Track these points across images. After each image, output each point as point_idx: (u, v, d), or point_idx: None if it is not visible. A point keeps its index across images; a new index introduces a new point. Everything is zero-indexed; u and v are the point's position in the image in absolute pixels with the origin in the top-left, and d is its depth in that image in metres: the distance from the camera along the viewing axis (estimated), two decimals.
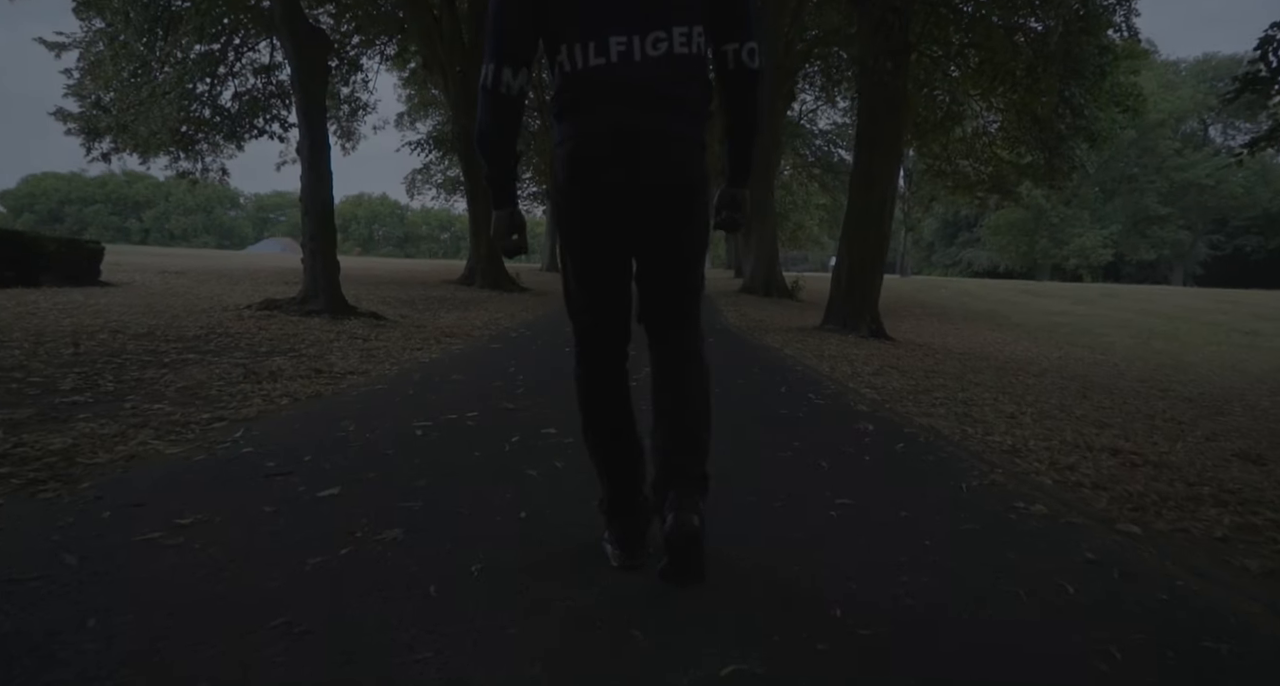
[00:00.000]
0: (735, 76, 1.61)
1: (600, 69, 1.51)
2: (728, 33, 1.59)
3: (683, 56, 1.53)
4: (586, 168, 1.55)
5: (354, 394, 4.00)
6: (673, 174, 1.56)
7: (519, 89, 1.55)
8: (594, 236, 1.61)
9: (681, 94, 1.55)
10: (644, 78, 1.52)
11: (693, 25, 1.53)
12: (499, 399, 3.77)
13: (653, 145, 1.53)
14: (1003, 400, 4.29)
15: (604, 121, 1.52)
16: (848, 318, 8.48)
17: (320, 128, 8.02)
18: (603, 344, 1.72)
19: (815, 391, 4.18)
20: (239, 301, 8.93)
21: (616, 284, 1.65)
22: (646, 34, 1.51)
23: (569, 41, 1.52)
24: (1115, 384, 6.15)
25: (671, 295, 1.68)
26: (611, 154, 1.52)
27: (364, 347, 6.09)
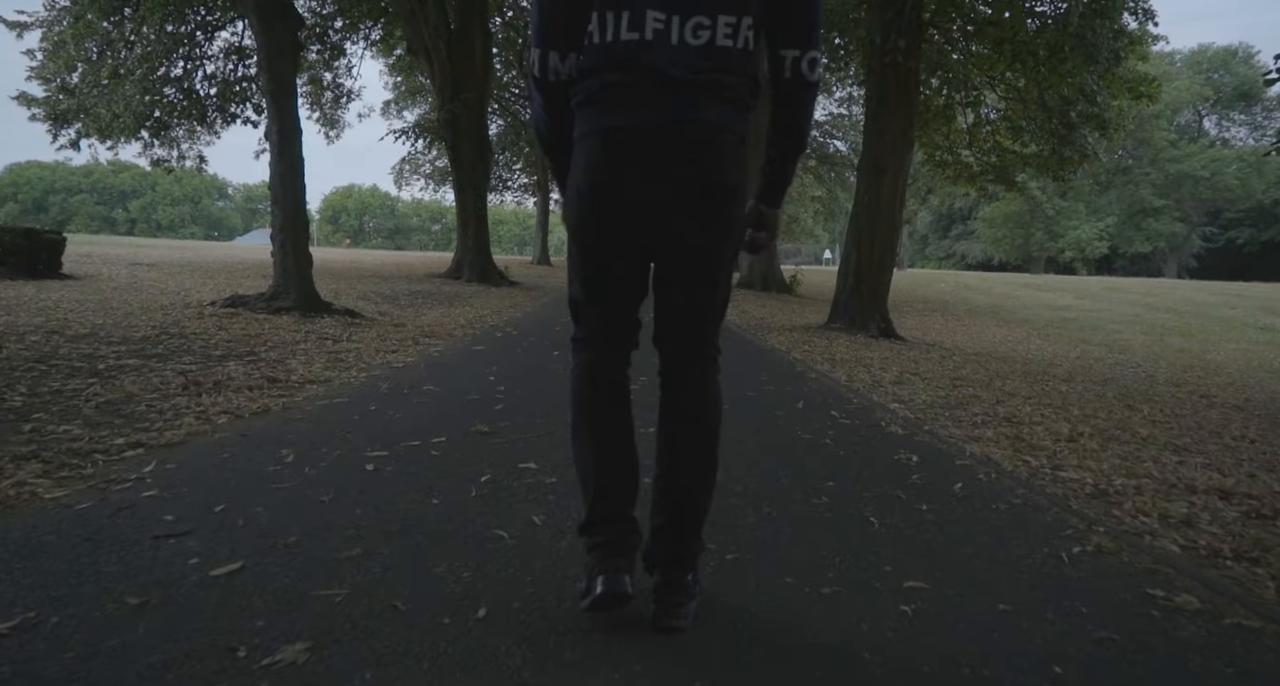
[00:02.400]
0: (791, 87, 1.42)
1: (633, 46, 1.33)
2: (791, 37, 1.39)
3: (725, 49, 1.34)
4: (615, 168, 1.37)
5: (308, 409, 3.47)
6: (711, 171, 1.36)
7: (570, 73, 1.40)
8: (613, 243, 1.44)
9: (721, 81, 1.36)
10: (681, 64, 1.33)
11: (742, 16, 1.34)
12: (473, 417, 3.24)
13: (690, 139, 1.35)
14: (1048, 414, 3.79)
15: (638, 115, 1.34)
16: (855, 315, 7.97)
17: (290, 112, 7.44)
18: (605, 350, 1.55)
19: (837, 406, 3.67)
20: (206, 297, 8.36)
21: (630, 293, 1.50)
22: (688, 18, 1.32)
23: (600, 7, 1.35)
24: (1152, 390, 5.67)
25: (692, 316, 1.49)
26: (645, 152, 1.35)
27: (331, 350, 5.55)
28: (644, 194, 1.37)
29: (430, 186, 29.59)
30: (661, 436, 1.51)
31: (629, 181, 1.37)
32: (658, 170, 1.35)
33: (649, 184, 1.36)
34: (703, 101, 1.34)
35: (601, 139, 1.38)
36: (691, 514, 1.47)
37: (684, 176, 1.36)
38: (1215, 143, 56.14)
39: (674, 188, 1.36)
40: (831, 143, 29.21)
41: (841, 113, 27.20)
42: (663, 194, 1.37)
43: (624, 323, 1.54)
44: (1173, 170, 49.43)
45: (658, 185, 1.36)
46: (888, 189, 7.85)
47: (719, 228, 1.41)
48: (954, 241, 64.39)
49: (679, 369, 1.51)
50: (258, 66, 8.75)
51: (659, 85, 1.33)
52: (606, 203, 1.40)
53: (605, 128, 1.37)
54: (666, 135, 1.34)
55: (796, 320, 9.81)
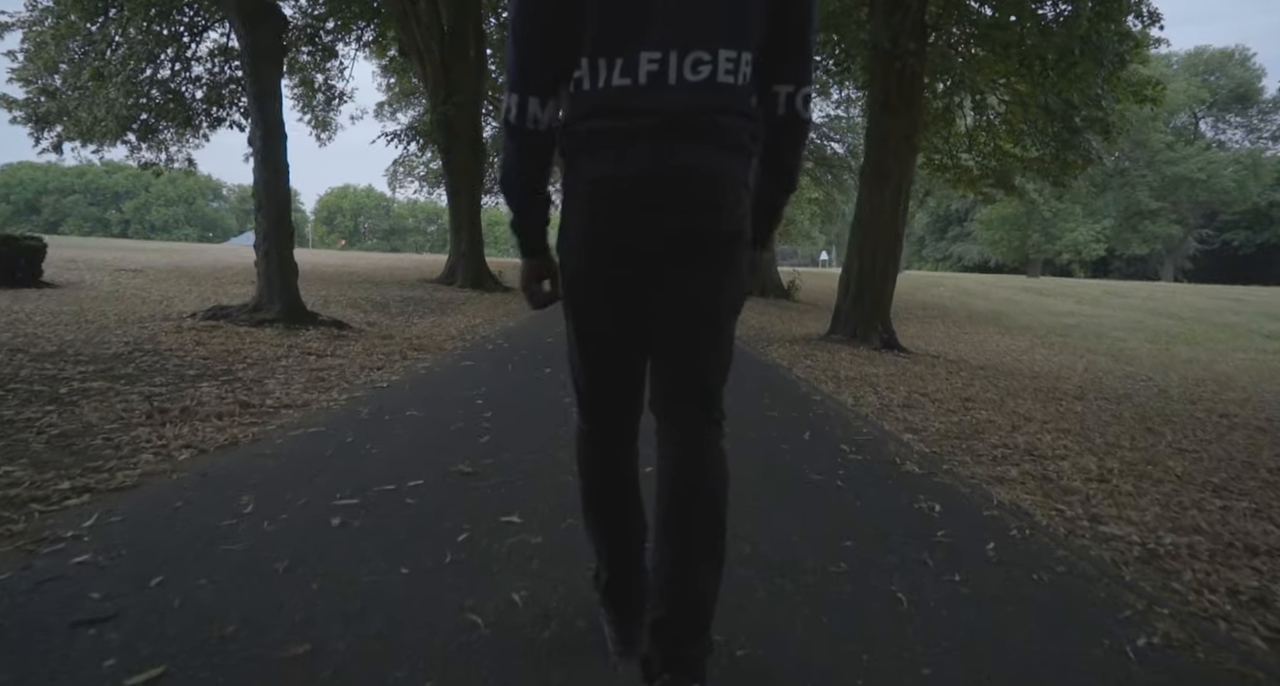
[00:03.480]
0: (784, 125, 1.33)
1: (625, 92, 1.23)
2: (785, 71, 1.31)
3: (727, 87, 1.24)
4: (609, 224, 1.27)
5: (279, 441, 3.23)
6: (713, 221, 1.26)
7: (549, 122, 1.29)
8: (611, 301, 1.33)
9: (726, 125, 1.25)
10: (679, 106, 1.22)
11: (743, 51, 1.24)
12: (456, 454, 3.00)
13: (691, 187, 1.24)
14: (1070, 444, 3.56)
15: (631, 164, 1.23)
16: (857, 327, 7.75)
17: (274, 116, 7.19)
18: (610, 415, 1.46)
19: (846, 438, 3.43)
20: (188, 307, 8.11)
21: (631, 352, 1.39)
22: (687, 53, 1.22)
23: (590, 53, 1.24)
24: (1168, 408, 5.45)
25: (694, 378, 1.35)
26: (640, 204, 1.24)
27: (314, 367, 5.31)
28: (637, 244, 1.27)
29: (424, 189, 29.27)
30: (660, 515, 1.32)
31: (622, 231, 1.26)
32: (652, 220, 1.25)
33: (643, 234, 1.26)
34: (700, 147, 1.24)
35: (592, 187, 1.27)
36: (698, 605, 1.27)
37: (680, 227, 1.25)
38: (1211, 145, 56.15)
39: (670, 239, 1.26)
40: (829, 145, 28.99)
41: (839, 114, 26.98)
42: (658, 246, 1.26)
43: (627, 387, 1.43)
44: (1169, 172, 49.38)
45: (652, 236, 1.26)
46: (890, 196, 7.62)
47: (720, 281, 1.30)
48: (950, 243, 64.31)
49: (680, 437, 1.35)
50: (241, 68, 8.48)
51: (652, 129, 1.22)
52: (599, 254, 1.29)
53: (595, 176, 1.26)
54: (661, 182, 1.23)
55: (796, 329, 9.58)
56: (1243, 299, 20.07)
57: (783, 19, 1.27)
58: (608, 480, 1.48)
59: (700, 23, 1.22)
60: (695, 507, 1.30)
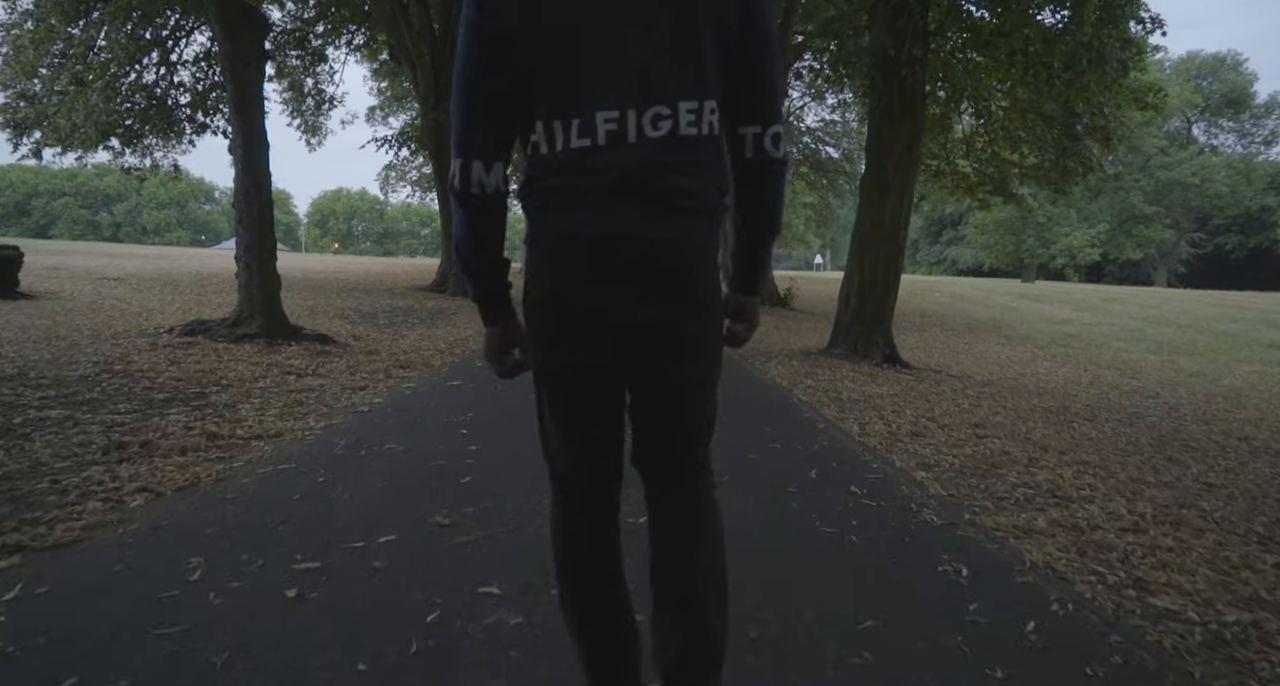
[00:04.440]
0: (755, 167, 1.27)
1: (583, 154, 1.16)
2: (748, 111, 1.25)
3: (690, 139, 1.18)
4: (566, 283, 1.20)
5: (244, 480, 2.99)
6: (678, 295, 1.20)
7: (496, 185, 1.22)
8: (576, 368, 1.25)
9: (690, 189, 1.19)
10: (640, 167, 1.16)
11: (704, 99, 1.19)
12: (433, 499, 2.77)
13: (652, 259, 1.18)
14: (1093, 480, 3.33)
15: (588, 225, 1.17)
16: (858, 341, 7.53)
17: (256, 124, 6.94)
18: (587, 495, 1.32)
19: (855, 476, 3.20)
20: (168, 320, 7.85)
21: (605, 422, 1.29)
22: (645, 109, 1.16)
23: (545, 116, 1.18)
24: (1183, 430, 5.25)
25: (676, 436, 1.29)
26: (599, 268, 1.18)
27: (292, 389, 5.06)
28: (604, 306, 1.19)
29: (416, 193, 29.03)
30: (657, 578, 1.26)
31: (587, 292, 1.18)
32: (618, 287, 1.18)
33: (609, 298, 1.18)
34: (663, 216, 1.17)
35: (554, 243, 1.20)
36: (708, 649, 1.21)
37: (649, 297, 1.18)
38: (1204, 150, 56.34)
39: (639, 307, 1.18)
40: (824, 149, 28.85)
41: (834, 119, 26.85)
42: (626, 313, 1.18)
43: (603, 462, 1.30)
44: (1163, 177, 49.51)
45: (619, 301, 1.18)
46: (891, 207, 7.41)
47: (698, 350, 1.24)
48: (945, 247, 64.39)
49: (666, 496, 1.30)
50: (222, 74, 8.24)
51: (616, 190, 1.15)
52: (565, 314, 1.21)
53: (559, 232, 1.19)
54: (626, 251, 1.17)
55: (795, 343, 9.35)
56: (1241, 306, 19.94)
57: (741, 60, 1.21)
58: (591, 563, 1.33)
59: (655, 76, 1.15)
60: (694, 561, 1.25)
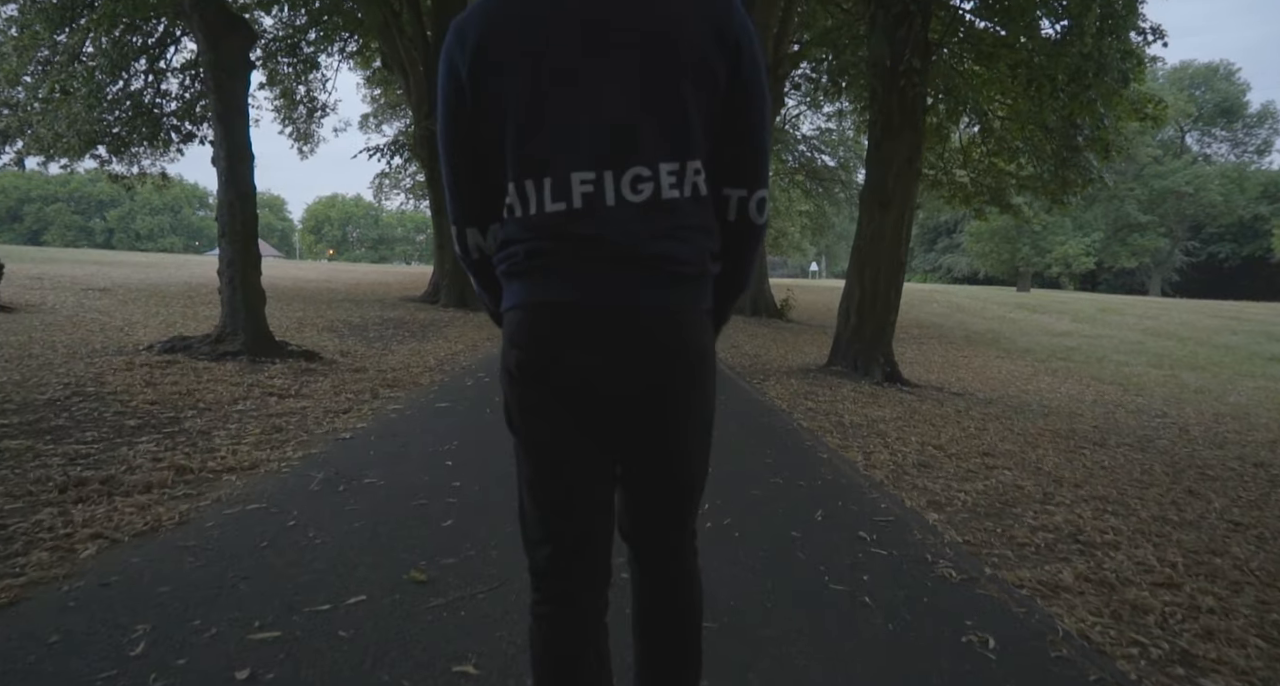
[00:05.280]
0: (735, 231, 1.19)
1: (560, 218, 1.07)
2: (734, 173, 1.16)
3: (673, 203, 1.09)
4: (550, 354, 1.10)
5: (208, 524, 2.79)
6: (672, 365, 1.11)
7: (493, 246, 1.19)
8: (561, 445, 1.14)
9: (681, 255, 1.09)
10: (621, 232, 1.06)
11: (687, 160, 1.09)
12: (411, 549, 2.57)
13: (644, 328, 1.08)
14: (1116, 523, 3.13)
15: (572, 293, 1.08)
16: (858, 358, 7.35)
17: (241, 136, 6.75)
18: (570, 589, 1.19)
19: (864, 518, 3.01)
20: (150, 334, 7.64)
21: (589, 505, 1.17)
22: (623, 171, 1.07)
23: (515, 177, 1.10)
24: (1197, 456, 5.08)
25: (668, 509, 1.24)
26: (585, 337, 1.08)
27: (273, 412, 4.86)
28: (583, 377, 1.10)
29: (410, 201, 28.83)
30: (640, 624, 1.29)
31: (565, 361, 1.10)
32: (598, 357, 1.09)
33: (588, 368, 1.10)
34: (654, 281, 1.09)
35: (528, 313, 1.12)
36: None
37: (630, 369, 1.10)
38: (1198, 159, 56.59)
39: (620, 378, 1.10)
40: (819, 157, 28.76)
41: (829, 127, 26.78)
42: (606, 383, 1.11)
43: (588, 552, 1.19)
44: (1157, 186, 49.67)
45: (599, 372, 1.10)
46: (892, 221, 7.24)
47: (688, 417, 1.17)
48: (940, 255, 64.47)
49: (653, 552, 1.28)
50: (205, 85, 8.05)
51: (599, 259, 1.08)
52: (545, 383, 1.12)
53: (533, 301, 1.11)
54: (606, 319, 1.09)
55: (794, 359, 9.16)
56: (1239, 317, 19.86)
57: (729, 119, 1.14)
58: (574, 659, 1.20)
59: (634, 135, 1.07)
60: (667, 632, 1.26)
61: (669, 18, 1.08)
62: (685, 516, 1.26)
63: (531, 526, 1.21)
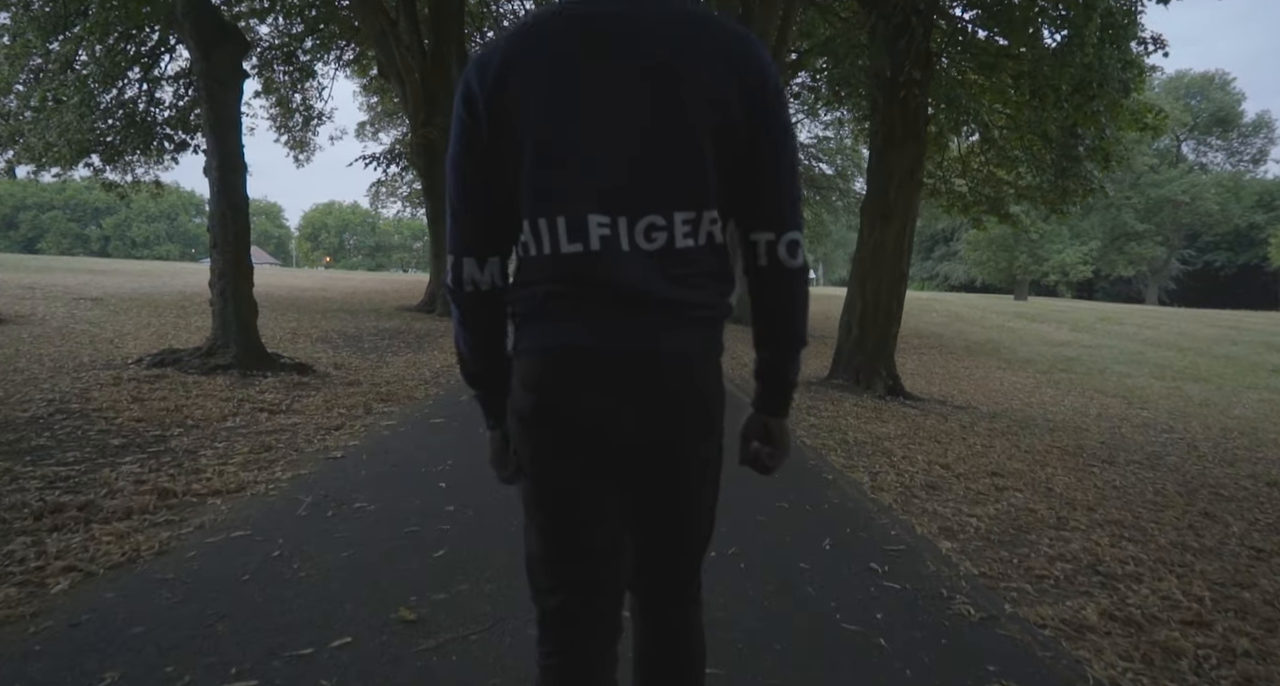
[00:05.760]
0: (769, 276, 1.13)
1: (576, 260, 1.06)
2: (759, 217, 1.12)
3: (686, 252, 1.08)
4: (562, 399, 1.08)
5: (189, 555, 2.67)
6: (686, 413, 1.10)
7: (491, 282, 1.15)
8: (571, 487, 1.12)
9: (695, 299, 1.09)
10: (634, 278, 1.05)
11: (703, 210, 1.07)
12: (401, 583, 2.45)
13: (659, 374, 1.07)
14: (1134, 550, 3.01)
15: (587, 337, 1.07)
16: (860, 371, 7.24)
17: (233, 146, 6.64)
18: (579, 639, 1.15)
19: (874, 547, 2.89)
20: (139, 348, 7.50)
21: (602, 552, 1.15)
22: (638, 219, 1.06)
23: (533, 215, 1.08)
24: (1208, 474, 4.97)
25: (677, 561, 1.23)
26: (599, 382, 1.07)
27: (263, 429, 4.74)
28: (599, 422, 1.08)
29: (407, 208, 28.72)
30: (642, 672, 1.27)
31: (581, 406, 1.08)
32: (614, 402, 1.08)
33: (603, 413, 1.08)
34: (669, 327, 1.08)
35: (545, 357, 1.10)
36: None
37: (648, 416, 1.08)
38: (1194, 168, 56.82)
39: (636, 425, 1.09)
40: (817, 166, 28.77)
41: (827, 135, 26.78)
42: (622, 430, 1.09)
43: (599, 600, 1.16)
44: (1154, 194, 49.82)
45: (615, 418, 1.08)
46: (894, 233, 7.14)
47: (701, 468, 1.17)
48: (937, 262, 64.53)
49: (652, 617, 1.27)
50: (197, 94, 7.96)
51: (615, 304, 1.07)
52: (555, 427, 1.10)
53: (551, 345, 1.09)
54: (625, 365, 1.08)
55: None
56: (1238, 327, 19.82)
57: (753, 161, 1.10)
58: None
59: (649, 183, 1.06)
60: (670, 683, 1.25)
61: (692, 64, 1.05)
62: (691, 566, 1.25)
63: (540, 574, 1.18)
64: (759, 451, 1.23)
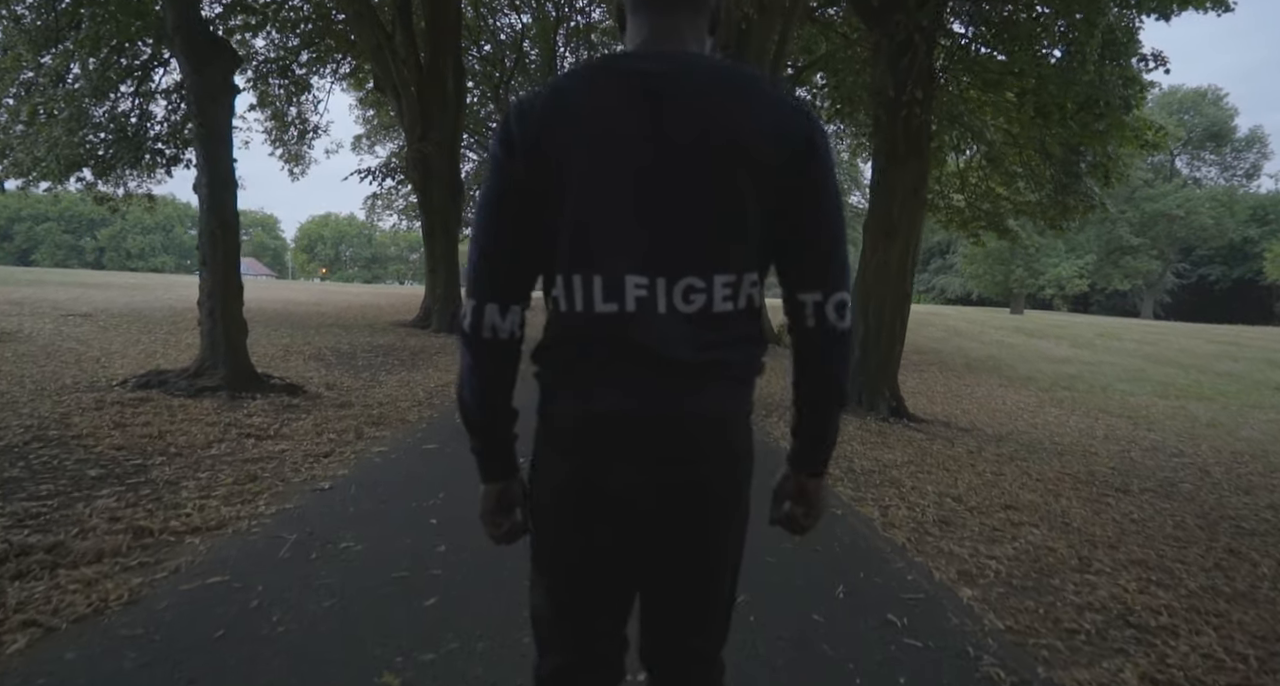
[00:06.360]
0: (815, 336, 1.11)
1: (614, 320, 1.04)
2: (806, 277, 1.10)
3: (725, 316, 1.06)
4: (592, 467, 1.07)
5: (160, 607, 2.50)
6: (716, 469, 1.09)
7: (511, 331, 1.11)
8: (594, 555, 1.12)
9: (730, 359, 1.07)
10: (672, 341, 1.03)
11: (744, 272, 1.07)
12: (386, 641, 2.27)
13: (686, 433, 1.05)
14: (1165, 597, 2.83)
15: (620, 402, 1.04)
16: (863, 393, 7.09)
17: (223, 163, 6.50)
18: None
19: (890, 595, 2.73)
20: (126, 367, 7.32)
21: (610, 616, 1.17)
22: (676, 280, 1.04)
23: (565, 269, 1.06)
24: (1226, 504, 4.82)
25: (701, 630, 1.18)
26: (631, 450, 1.05)
27: (249, 457, 4.56)
28: (628, 493, 1.07)
29: (403, 221, 28.63)
30: None
31: (611, 475, 1.07)
32: (646, 467, 1.06)
33: (635, 482, 1.06)
34: (702, 387, 1.06)
35: (575, 424, 1.08)
36: None
37: (679, 479, 1.07)
38: (1187, 182, 57.17)
39: (667, 492, 1.07)
40: None
41: None
42: (650, 495, 1.07)
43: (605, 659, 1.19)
44: (1148, 209, 50.08)
45: (644, 484, 1.06)
46: (898, 253, 7.01)
47: (727, 530, 1.14)
48: (933, 275, 64.68)
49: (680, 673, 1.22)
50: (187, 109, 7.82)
51: (648, 367, 1.04)
52: (585, 495, 1.09)
53: (580, 412, 1.07)
54: (658, 427, 1.05)
55: None
56: (1236, 343, 19.75)
57: (800, 222, 1.08)
58: None
59: (691, 244, 1.04)
60: None
61: (740, 125, 1.03)
62: (713, 639, 1.21)
63: (545, 630, 1.19)
64: (794, 513, 1.21)
